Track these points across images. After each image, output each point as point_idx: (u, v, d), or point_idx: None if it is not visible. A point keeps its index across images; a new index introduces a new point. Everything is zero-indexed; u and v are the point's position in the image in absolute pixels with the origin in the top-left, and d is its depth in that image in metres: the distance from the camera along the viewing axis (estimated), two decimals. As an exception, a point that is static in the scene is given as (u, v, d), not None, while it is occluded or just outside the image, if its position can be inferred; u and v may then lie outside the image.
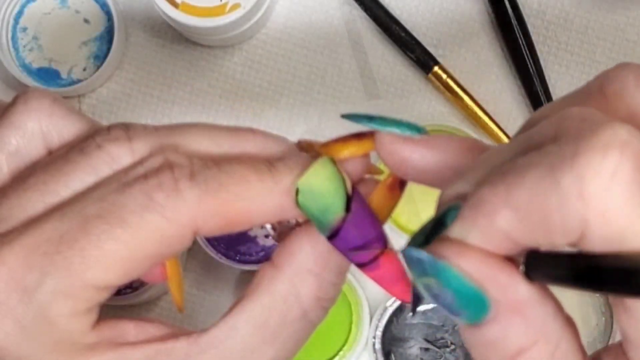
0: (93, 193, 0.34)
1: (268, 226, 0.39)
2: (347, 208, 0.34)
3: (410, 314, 0.68)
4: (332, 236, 0.34)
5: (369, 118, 0.34)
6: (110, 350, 0.34)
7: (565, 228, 0.26)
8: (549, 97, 0.69)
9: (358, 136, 0.35)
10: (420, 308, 0.68)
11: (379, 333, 0.68)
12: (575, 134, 0.26)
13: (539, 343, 0.28)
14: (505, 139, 0.69)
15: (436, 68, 0.70)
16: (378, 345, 0.68)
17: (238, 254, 0.68)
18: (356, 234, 0.34)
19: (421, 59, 0.70)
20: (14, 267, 0.33)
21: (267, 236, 0.68)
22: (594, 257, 0.26)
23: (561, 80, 0.71)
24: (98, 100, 0.72)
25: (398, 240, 0.66)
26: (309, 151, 0.37)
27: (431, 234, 0.30)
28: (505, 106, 0.71)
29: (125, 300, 0.67)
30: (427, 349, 0.68)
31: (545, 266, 0.28)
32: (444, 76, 0.70)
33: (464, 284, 0.28)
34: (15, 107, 0.37)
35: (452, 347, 0.68)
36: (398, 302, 0.67)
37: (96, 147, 0.35)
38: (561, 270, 0.27)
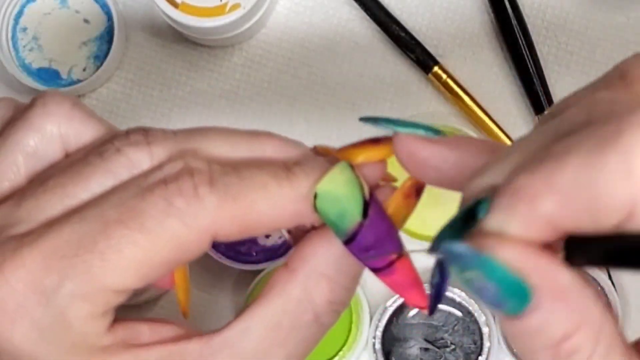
0: (112, 197, 0.34)
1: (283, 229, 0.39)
2: (365, 213, 0.34)
3: (411, 313, 0.68)
4: (349, 241, 0.34)
5: (388, 120, 0.34)
6: (125, 351, 0.34)
7: (612, 208, 0.26)
8: (549, 97, 0.69)
9: (374, 141, 0.35)
10: (421, 308, 0.68)
11: (379, 333, 0.68)
12: (612, 115, 0.26)
13: (583, 328, 0.28)
14: (505, 139, 0.69)
15: (436, 68, 0.70)
16: (378, 345, 0.68)
17: (238, 254, 0.68)
18: (372, 239, 0.34)
19: (421, 59, 0.70)
20: (33, 269, 0.33)
21: (267, 236, 0.68)
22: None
23: (561, 80, 0.71)
24: (98, 100, 0.72)
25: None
26: (325, 156, 0.37)
27: (462, 228, 0.29)
28: (505, 106, 0.71)
29: (125, 301, 0.66)
30: (427, 349, 0.68)
31: (587, 250, 0.27)
32: (444, 76, 0.70)
33: (507, 275, 0.28)
34: (34, 109, 0.37)
35: (452, 347, 0.68)
36: (398, 302, 0.67)
37: (115, 151, 0.35)
38: (604, 252, 0.27)
